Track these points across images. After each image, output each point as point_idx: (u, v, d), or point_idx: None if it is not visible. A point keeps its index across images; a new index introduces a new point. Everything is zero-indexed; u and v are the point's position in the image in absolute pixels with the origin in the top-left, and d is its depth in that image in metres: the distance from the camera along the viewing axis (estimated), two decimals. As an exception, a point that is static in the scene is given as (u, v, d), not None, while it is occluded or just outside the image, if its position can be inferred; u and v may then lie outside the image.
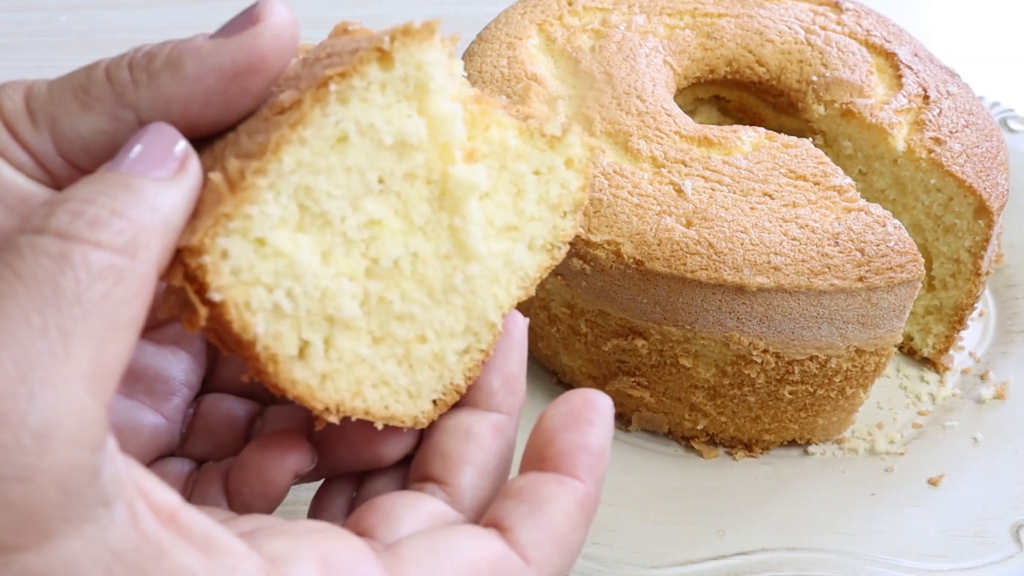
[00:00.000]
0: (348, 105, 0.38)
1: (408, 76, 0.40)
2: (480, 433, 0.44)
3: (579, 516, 0.40)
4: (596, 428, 0.41)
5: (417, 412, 0.45)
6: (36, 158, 0.39)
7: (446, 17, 1.26)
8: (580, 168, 0.48)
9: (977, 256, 0.74)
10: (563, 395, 0.42)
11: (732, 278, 0.63)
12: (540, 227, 0.47)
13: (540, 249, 0.48)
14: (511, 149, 0.45)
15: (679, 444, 0.74)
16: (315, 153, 0.38)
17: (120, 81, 0.39)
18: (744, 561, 0.65)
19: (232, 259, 0.36)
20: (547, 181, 0.47)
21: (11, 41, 1.18)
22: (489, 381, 0.46)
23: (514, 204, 0.46)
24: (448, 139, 0.42)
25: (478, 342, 0.46)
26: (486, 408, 0.46)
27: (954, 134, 0.73)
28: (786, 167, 0.68)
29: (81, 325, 0.31)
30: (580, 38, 0.78)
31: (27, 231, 0.32)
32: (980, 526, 0.67)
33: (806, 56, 0.78)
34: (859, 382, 0.69)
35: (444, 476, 0.43)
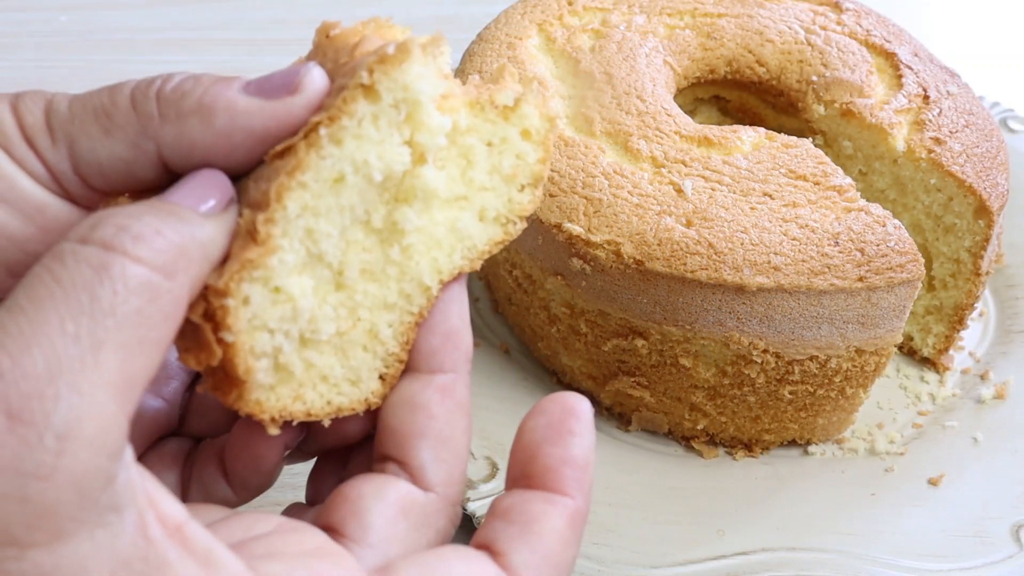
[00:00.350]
0: (343, 146, 0.39)
1: (397, 101, 0.40)
2: (426, 402, 0.43)
3: (570, 533, 0.40)
4: (578, 438, 0.41)
5: (366, 395, 0.44)
6: (52, 173, 0.40)
7: (446, 17, 1.26)
8: (538, 140, 0.46)
9: (977, 256, 0.74)
10: (539, 403, 0.41)
11: (732, 278, 0.63)
12: (492, 198, 0.46)
13: (492, 221, 0.46)
14: (461, 127, 0.44)
15: (679, 444, 0.74)
16: (316, 196, 0.39)
17: (146, 113, 0.39)
18: (744, 561, 0.65)
19: (252, 306, 0.38)
20: (500, 152, 0.45)
21: (11, 41, 1.18)
22: (428, 341, 0.44)
23: (462, 175, 0.44)
24: (428, 147, 0.42)
25: (409, 306, 0.44)
26: (428, 371, 0.44)
27: (954, 134, 0.73)
28: (786, 167, 0.68)
29: (113, 336, 0.32)
30: (580, 38, 0.78)
31: (71, 239, 0.33)
32: (980, 526, 0.67)
33: (806, 56, 0.78)
34: (859, 382, 0.69)
35: (400, 455, 0.42)
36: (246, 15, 1.24)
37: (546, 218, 0.67)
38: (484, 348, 0.80)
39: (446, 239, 0.45)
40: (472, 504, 0.66)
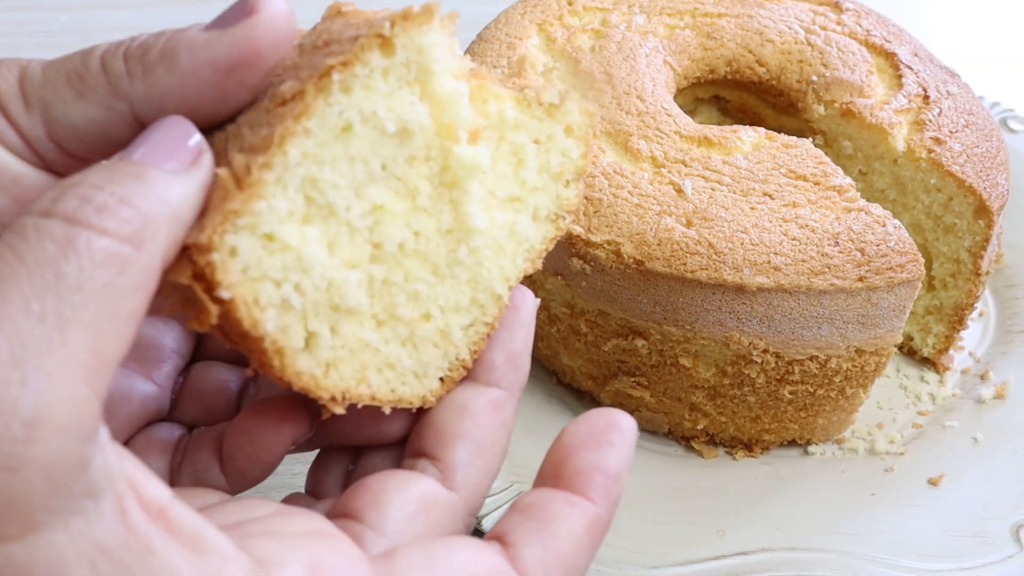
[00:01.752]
0: (351, 94, 0.38)
1: (410, 61, 0.40)
2: (477, 409, 0.43)
3: (587, 539, 0.39)
4: (616, 449, 0.40)
5: (425, 392, 0.44)
6: (27, 141, 0.39)
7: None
8: (580, 135, 0.47)
9: (977, 256, 0.74)
10: (587, 412, 0.41)
11: (732, 278, 0.63)
12: (543, 197, 0.46)
13: (544, 220, 0.47)
14: (509, 120, 0.44)
15: (679, 444, 0.74)
16: (320, 144, 0.38)
17: (115, 72, 0.38)
18: (744, 561, 0.65)
19: (241, 256, 0.36)
20: (547, 150, 0.46)
21: (11, 41, 1.18)
22: (491, 356, 0.45)
23: (515, 175, 0.45)
24: (453, 119, 0.41)
25: (483, 315, 0.45)
26: (485, 383, 0.44)
27: (954, 134, 0.73)
28: (786, 167, 0.68)
29: (80, 313, 0.30)
30: (580, 38, 0.78)
31: (33, 213, 0.32)
32: (980, 526, 0.67)
33: (806, 56, 0.78)
34: (859, 382, 0.69)
35: (436, 451, 0.42)
36: (246, 15, 1.24)
37: (546, 218, 0.67)
38: (484, 348, 0.80)
39: (508, 244, 0.45)
40: None
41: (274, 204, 0.37)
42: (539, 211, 0.46)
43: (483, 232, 0.44)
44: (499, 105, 0.44)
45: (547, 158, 0.46)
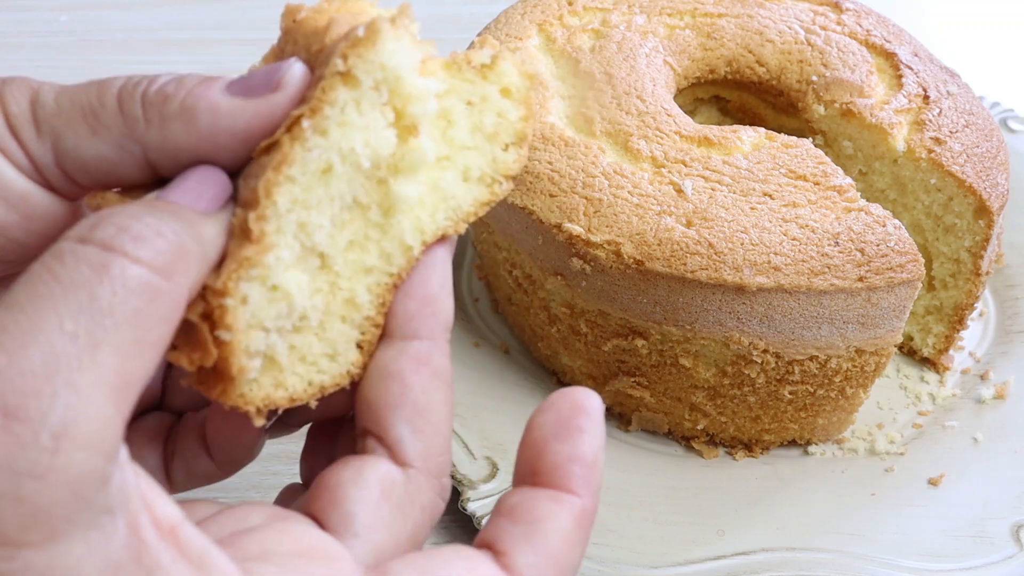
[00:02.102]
0: (328, 136, 0.38)
1: (378, 83, 0.39)
2: (399, 370, 0.41)
3: (577, 533, 0.39)
4: (587, 435, 0.39)
5: (346, 367, 0.42)
6: (35, 164, 0.40)
7: (446, 17, 1.26)
8: (519, 98, 0.45)
9: (977, 256, 0.74)
10: (549, 399, 0.40)
11: (732, 278, 0.63)
12: (476, 157, 0.45)
13: (477, 181, 0.45)
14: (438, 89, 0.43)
15: (679, 444, 0.74)
16: (305, 189, 0.38)
17: (132, 115, 0.39)
18: (744, 561, 0.65)
19: (250, 305, 0.37)
20: (480, 111, 0.44)
21: (11, 41, 1.18)
22: (404, 307, 0.42)
23: (443, 135, 0.44)
24: (417, 116, 0.41)
25: (388, 266, 0.43)
26: (403, 337, 0.42)
27: (954, 134, 0.73)
28: (786, 167, 0.68)
29: (111, 336, 0.32)
30: (580, 38, 0.78)
31: (71, 238, 0.33)
32: (980, 526, 0.67)
33: (806, 56, 0.78)
34: (859, 382, 0.69)
35: (377, 429, 0.41)
36: (246, 15, 1.24)
37: (546, 218, 0.67)
38: (484, 348, 0.80)
39: (428, 198, 0.43)
40: (472, 504, 0.66)
41: (280, 255, 0.38)
42: (470, 171, 0.45)
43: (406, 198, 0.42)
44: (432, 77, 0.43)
45: (480, 119, 0.44)
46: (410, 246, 0.43)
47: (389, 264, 0.43)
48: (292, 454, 0.72)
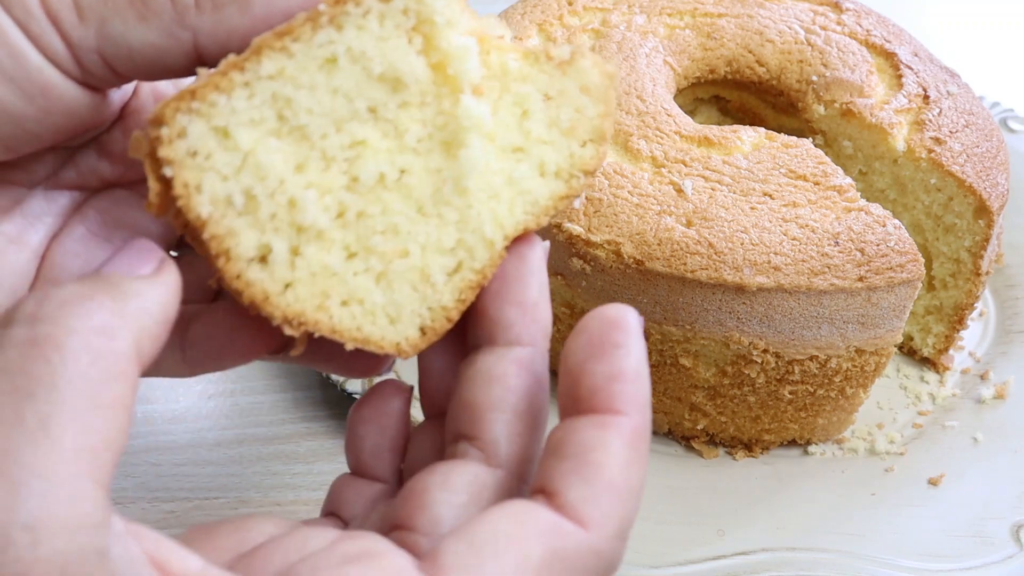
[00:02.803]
0: (342, 31, 0.39)
1: (408, 8, 0.40)
2: (502, 373, 0.39)
3: (631, 453, 0.35)
4: (624, 349, 0.36)
5: (399, 338, 0.41)
6: (73, 51, 0.39)
7: (446, 17, 1.22)
8: (598, 95, 0.45)
9: (977, 256, 0.74)
10: (581, 321, 0.38)
11: (732, 278, 0.63)
12: (552, 152, 0.44)
13: (553, 176, 0.45)
14: (512, 71, 0.43)
15: (679, 444, 0.74)
16: (299, 68, 0.38)
17: (183, 2, 0.38)
18: (744, 561, 0.65)
19: (189, 139, 0.37)
20: (558, 105, 0.44)
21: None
22: (505, 313, 0.41)
23: (519, 125, 0.44)
24: (459, 74, 0.41)
25: (471, 260, 0.42)
26: (505, 343, 0.40)
27: (954, 134, 0.73)
28: (786, 167, 0.68)
29: (60, 408, 0.29)
30: (580, 38, 0.78)
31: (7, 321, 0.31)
32: (980, 526, 0.67)
33: (806, 56, 0.78)
34: (859, 382, 0.69)
35: (473, 429, 0.39)
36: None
37: (546, 218, 0.67)
38: (484, 348, 0.80)
39: (505, 191, 0.43)
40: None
41: (234, 104, 0.38)
42: (546, 165, 0.44)
43: (476, 175, 0.42)
44: (502, 56, 0.43)
45: (557, 113, 0.44)
46: (491, 240, 0.43)
47: (472, 258, 0.42)
48: (292, 454, 0.72)
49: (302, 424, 0.74)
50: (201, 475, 0.70)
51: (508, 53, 0.43)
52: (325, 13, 0.38)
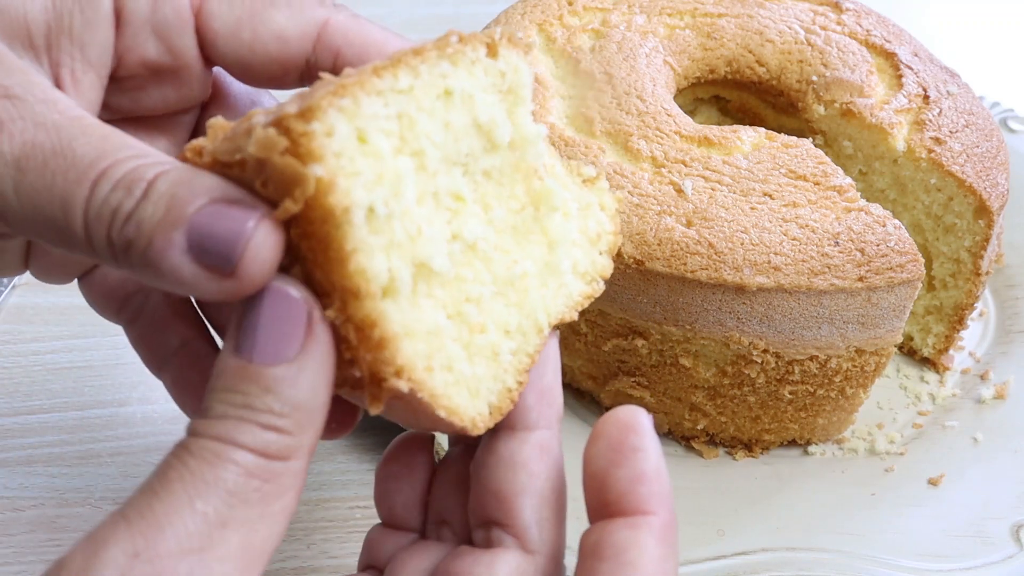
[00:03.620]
0: (457, 67, 0.40)
1: (506, 72, 0.42)
2: (525, 459, 0.42)
3: (664, 550, 0.38)
4: (643, 452, 0.39)
5: (475, 414, 0.42)
6: None
7: (446, 17, 1.26)
8: (610, 214, 0.49)
9: (977, 256, 0.74)
10: (596, 426, 0.40)
11: (732, 278, 0.63)
12: (581, 255, 0.48)
13: (581, 275, 0.48)
14: (559, 176, 0.46)
15: (679, 444, 0.74)
16: (423, 91, 0.38)
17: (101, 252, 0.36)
18: (744, 561, 0.65)
19: (337, 139, 0.34)
20: (586, 216, 0.48)
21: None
22: (524, 397, 0.44)
23: (562, 224, 0.47)
24: (535, 159, 0.44)
25: (526, 344, 0.44)
26: (524, 428, 0.43)
27: (954, 134, 0.73)
28: (786, 167, 0.68)
29: (236, 513, 0.34)
30: (580, 38, 0.78)
31: (190, 432, 0.35)
32: (980, 526, 0.67)
33: (806, 56, 0.78)
34: (859, 382, 0.69)
35: (504, 517, 0.42)
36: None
37: (546, 218, 0.67)
38: (484, 348, 0.80)
39: (551, 280, 0.46)
40: None
41: (374, 108, 0.36)
42: (577, 265, 0.47)
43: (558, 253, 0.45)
44: (552, 160, 0.46)
45: (586, 222, 0.48)
46: (541, 328, 0.45)
47: (527, 342, 0.44)
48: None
49: (302, 424, 0.74)
50: (201, 475, 0.70)
51: (555, 158, 0.46)
52: (453, 43, 0.39)
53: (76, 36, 0.42)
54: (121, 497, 0.68)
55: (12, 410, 0.74)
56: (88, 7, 0.43)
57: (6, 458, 0.70)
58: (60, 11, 0.42)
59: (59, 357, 0.78)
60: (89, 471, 0.70)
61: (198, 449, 0.34)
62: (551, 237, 0.46)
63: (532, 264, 0.45)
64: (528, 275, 0.44)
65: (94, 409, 0.74)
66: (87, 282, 0.52)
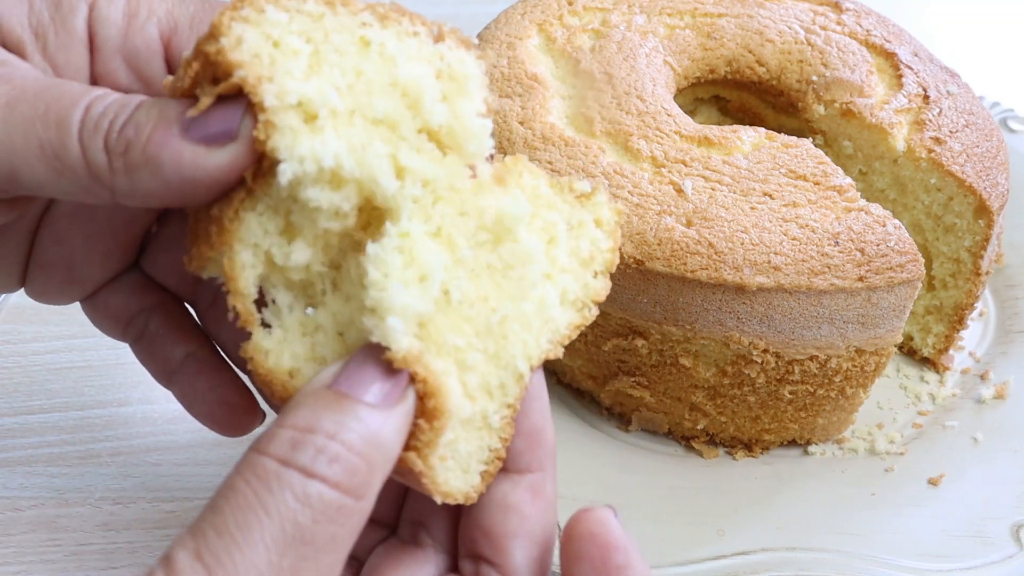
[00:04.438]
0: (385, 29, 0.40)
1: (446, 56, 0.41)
2: (518, 502, 0.43)
3: None
4: (619, 550, 0.40)
5: (468, 488, 0.42)
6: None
7: (446, 17, 1.27)
8: (609, 230, 0.46)
9: (977, 256, 0.74)
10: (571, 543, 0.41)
11: (732, 278, 0.63)
12: (572, 281, 0.45)
13: (570, 304, 0.45)
14: (543, 196, 0.44)
15: (679, 444, 0.74)
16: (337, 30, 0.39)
17: (96, 163, 0.38)
18: (744, 561, 0.65)
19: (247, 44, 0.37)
20: (578, 236, 0.45)
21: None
22: (514, 441, 0.44)
23: (547, 252, 0.44)
24: (477, 153, 0.42)
25: (507, 396, 0.43)
26: (515, 470, 0.44)
27: (954, 134, 0.73)
28: (786, 167, 0.68)
29: (310, 562, 0.34)
30: (580, 38, 0.78)
31: (271, 453, 0.35)
32: (980, 526, 0.67)
33: (806, 56, 0.78)
34: (859, 382, 0.69)
35: (495, 556, 0.43)
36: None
37: (546, 218, 0.67)
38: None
39: (535, 319, 0.43)
40: None
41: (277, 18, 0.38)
42: (567, 294, 0.45)
43: (535, 261, 0.43)
44: (534, 180, 0.44)
45: (577, 244, 0.45)
46: (522, 375, 0.43)
47: (506, 394, 0.43)
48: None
49: (302, 424, 0.74)
50: (201, 475, 0.70)
51: (539, 178, 0.44)
52: (382, 8, 0.39)
53: (50, 56, 0.43)
54: (122, 496, 0.68)
55: (12, 410, 0.74)
56: (62, 30, 0.43)
57: (6, 458, 0.70)
58: (36, 30, 0.43)
59: (59, 357, 0.78)
60: (89, 471, 0.70)
61: (279, 486, 0.34)
62: (531, 271, 0.43)
63: (511, 305, 0.42)
64: (508, 319, 0.42)
65: (94, 409, 0.74)
66: (91, 304, 0.53)
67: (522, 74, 0.74)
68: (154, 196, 0.38)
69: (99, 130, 0.38)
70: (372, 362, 0.38)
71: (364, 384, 0.37)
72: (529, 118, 0.71)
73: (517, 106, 0.72)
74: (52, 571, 0.64)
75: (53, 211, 0.49)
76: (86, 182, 0.38)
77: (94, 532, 0.66)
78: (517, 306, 0.42)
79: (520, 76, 0.74)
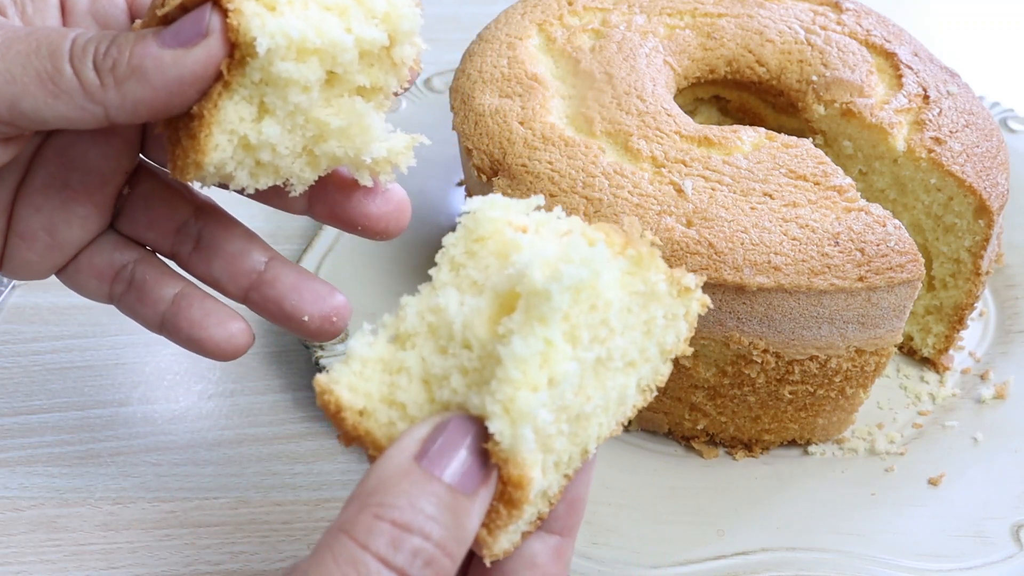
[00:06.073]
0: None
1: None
2: (544, 563, 0.45)
3: None
4: None
5: (508, 545, 0.43)
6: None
7: (446, 17, 1.26)
8: (691, 321, 0.47)
9: (977, 256, 0.74)
10: None
11: (732, 278, 0.63)
12: (648, 369, 0.46)
13: (642, 390, 0.47)
14: (659, 293, 0.44)
15: (679, 444, 0.74)
16: None
17: (89, 81, 0.43)
18: (744, 561, 0.65)
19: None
20: (667, 328, 0.46)
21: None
22: (558, 506, 0.46)
23: (641, 344, 0.45)
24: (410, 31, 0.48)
25: (569, 468, 0.44)
26: (547, 530, 0.46)
27: (954, 134, 0.73)
28: (786, 167, 0.68)
29: None
30: (580, 38, 0.78)
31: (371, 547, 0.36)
32: (980, 526, 0.67)
33: (806, 56, 0.78)
34: (859, 382, 0.69)
35: None
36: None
37: (546, 218, 0.67)
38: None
39: (614, 405, 0.44)
40: None
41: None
42: (642, 381, 0.46)
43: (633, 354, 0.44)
44: (656, 277, 0.44)
45: (665, 336, 0.46)
46: (587, 451, 0.44)
47: (569, 466, 0.44)
48: (292, 454, 0.72)
49: (302, 424, 0.74)
50: (201, 475, 0.70)
51: (660, 274, 0.43)
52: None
53: (28, 20, 0.48)
54: (122, 496, 0.68)
55: (12, 410, 0.74)
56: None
57: (6, 458, 0.70)
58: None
59: (59, 357, 0.78)
60: (89, 471, 0.70)
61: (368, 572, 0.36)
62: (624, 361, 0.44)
63: (602, 395, 0.43)
64: (597, 409, 0.43)
65: (94, 409, 0.74)
66: (75, 268, 0.55)
67: (522, 74, 0.74)
68: (143, 104, 0.43)
69: (87, 53, 0.43)
70: (464, 439, 0.39)
71: (456, 467, 0.38)
72: (529, 118, 0.71)
73: (517, 106, 0.72)
74: (52, 571, 0.64)
75: (28, 184, 0.52)
76: (81, 101, 0.43)
77: (94, 532, 0.66)
78: (606, 394, 0.43)
79: (520, 76, 0.74)
